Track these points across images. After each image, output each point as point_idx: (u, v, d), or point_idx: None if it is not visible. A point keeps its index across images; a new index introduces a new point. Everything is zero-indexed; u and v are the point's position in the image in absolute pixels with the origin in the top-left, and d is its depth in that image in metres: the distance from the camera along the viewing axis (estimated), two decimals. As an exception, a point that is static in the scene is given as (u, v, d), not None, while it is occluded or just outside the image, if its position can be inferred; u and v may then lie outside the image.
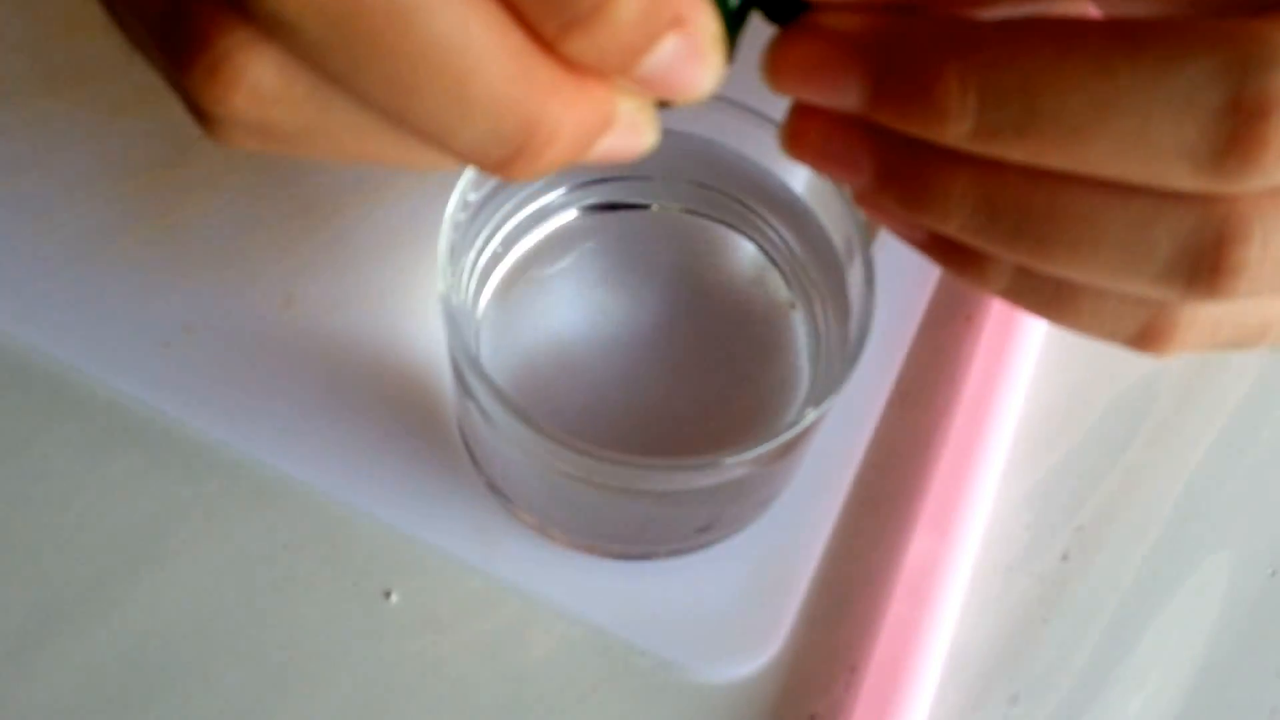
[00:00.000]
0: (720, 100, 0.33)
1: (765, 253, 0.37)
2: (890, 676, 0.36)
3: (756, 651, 0.37)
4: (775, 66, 0.24)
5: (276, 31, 0.20)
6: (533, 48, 0.21)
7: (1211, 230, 0.22)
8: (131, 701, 0.35)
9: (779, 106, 0.26)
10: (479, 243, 0.35)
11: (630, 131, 0.23)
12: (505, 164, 0.22)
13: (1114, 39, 0.21)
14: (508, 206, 0.36)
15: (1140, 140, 0.21)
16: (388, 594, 0.37)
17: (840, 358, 0.33)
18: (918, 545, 0.38)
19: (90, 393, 0.38)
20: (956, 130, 0.22)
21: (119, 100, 0.41)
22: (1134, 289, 0.23)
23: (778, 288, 0.37)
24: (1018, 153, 0.22)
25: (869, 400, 0.39)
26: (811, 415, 0.30)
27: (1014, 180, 0.22)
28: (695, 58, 0.22)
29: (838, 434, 0.38)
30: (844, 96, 0.23)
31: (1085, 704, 0.37)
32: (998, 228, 0.23)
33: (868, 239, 0.32)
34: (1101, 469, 0.40)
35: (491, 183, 0.34)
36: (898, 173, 0.23)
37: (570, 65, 0.21)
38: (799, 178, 0.35)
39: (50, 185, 0.40)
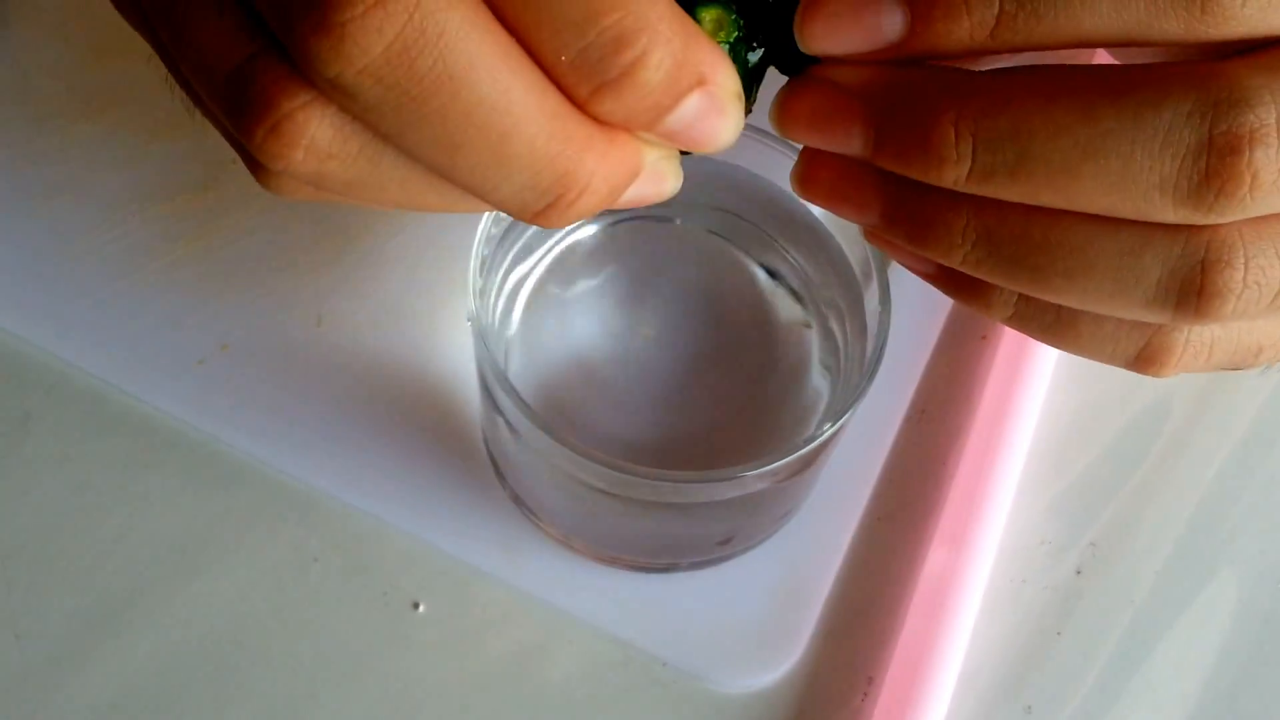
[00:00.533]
0: (746, 129, 0.34)
1: (784, 273, 0.38)
2: (906, 687, 0.37)
3: (776, 662, 0.37)
4: (784, 116, 0.25)
5: (335, 94, 0.22)
6: (567, 108, 0.22)
7: (1196, 257, 0.23)
8: (168, 704, 0.36)
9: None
10: (506, 263, 0.36)
11: (655, 179, 0.25)
12: (541, 214, 0.23)
13: (1097, 85, 0.22)
14: (534, 230, 0.37)
15: (1124, 178, 0.22)
16: (416, 605, 0.38)
17: (858, 375, 0.34)
18: (934, 559, 0.39)
19: (128, 409, 0.39)
20: (955, 174, 0.23)
21: (154, 125, 0.43)
22: (1128, 313, 0.24)
23: (796, 307, 0.38)
24: (1013, 193, 0.23)
25: (886, 417, 0.40)
26: (828, 430, 0.31)
27: (1011, 216, 0.24)
28: (717, 113, 0.24)
29: (856, 450, 0.39)
30: (849, 143, 0.24)
31: (1098, 715, 0.38)
32: (998, 260, 0.24)
33: (884, 261, 0.33)
34: (1115, 486, 0.41)
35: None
36: (903, 212, 0.25)
37: (601, 122, 0.23)
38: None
39: (88, 208, 0.42)
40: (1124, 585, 0.39)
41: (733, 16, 0.25)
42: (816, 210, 0.37)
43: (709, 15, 0.25)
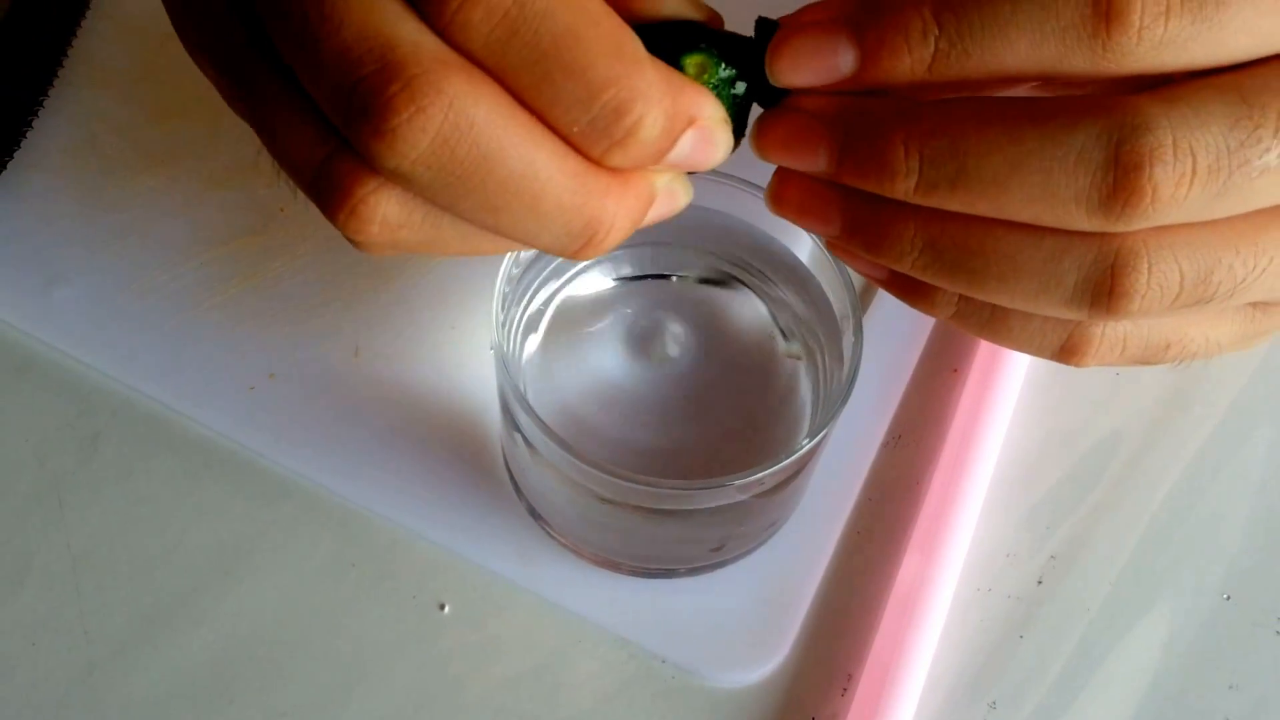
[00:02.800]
0: (733, 180, 0.38)
1: (772, 312, 0.41)
2: (882, 683, 0.40)
3: (763, 660, 0.40)
4: (761, 140, 0.29)
5: (396, 180, 0.26)
6: (585, 164, 0.26)
7: (1106, 262, 0.27)
8: (220, 694, 0.39)
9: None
10: (524, 301, 0.40)
11: (669, 198, 0.30)
12: (579, 252, 0.28)
13: (1024, 111, 0.26)
14: (548, 271, 0.40)
15: (1045, 190, 0.26)
16: (442, 606, 0.41)
17: (837, 399, 0.37)
18: (907, 568, 0.42)
19: (184, 429, 0.43)
20: (905, 186, 0.27)
21: (209, 177, 0.46)
22: (1051, 311, 0.28)
23: (783, 343, 0.41)
24: (954, 202, 0.27)
25: (866, 442, 0.43)
26: (807, 445, 0.35)
27: (952, 227, 0.27)
28: (708, 141, 0.28)
29: (838, 470, 0.43)
30: (815, 161, 0.28)
31: (1058, 709, 0.40)
32: (941, 265, 0.28)
33: (859, 306, 0.37)
34: (1073, 505, 0.43)
35: (533, 253, 0.39)
36: (861, 223, 0.29)
37: (613, 170, 0.27)
38: (804, 248, 0.40)
39: (150, 250, 0.45)
40: (1081, 594, 0.42)
41: (715, 60, 0.29)
42: (803, 256, 0.40)
43: (693, 61, 0.29)
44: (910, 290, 0.30)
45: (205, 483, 0.42)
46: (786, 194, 0.30)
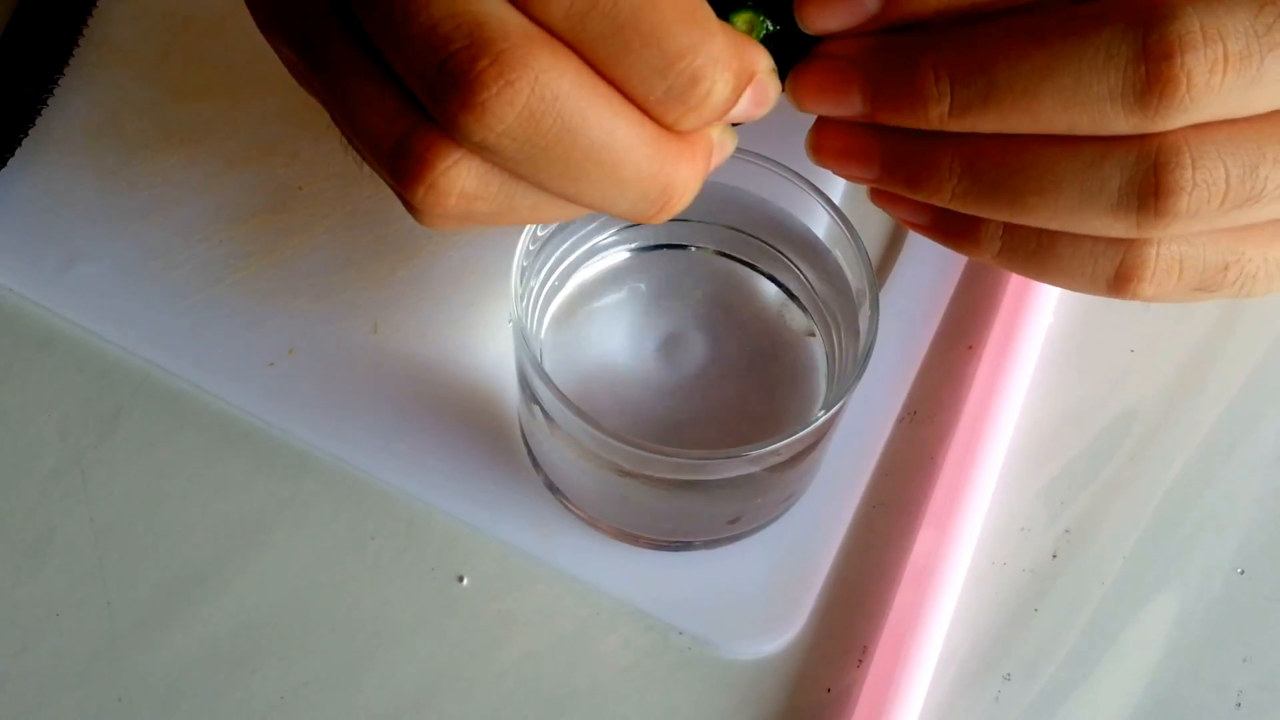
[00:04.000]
0: (751, 155, 0.38)
1: (789, 288, 0.42)
2: (897, 656, 0.40)
3: (780, 632, 0.41)
4: (797, 89, 0.30)
5: (481, 152, 0.27)
6: (660, 131, 0.27)
7: (1148, 162, 0.26)
8: (242, 664, 0.40)
9: (803, 161, 0.32)
10: (542, 275, 0.40)
11: (720, 151, 0.30)
12: (653, 216, 0.29)
13: (1047, 19, 0.26)
14: (565, 246, 0.41)
15: (1077, 92, 0.26)
16: (460, 578, 0.41)
17: (852, 373, 0.38)
18: (922, 542, 0.42)
19: (207, 405, 0.43)
20: (938, 111, 0.27)
21: (229, 156, 0.46)
22: (1098, 224, 0.27)
23: (799, 318, 0.42)
24: (988, 121, 0.27)
25: (881, 416, 0.44)
26: (822, 416, 0.35)
27: (988, 148, 0.27)
28: (763, 93, 0.29)
29: (854, 445, 0.43)
30: (850, 104, 0.29)
31: (1071, 682, 0.41)
32: (981, 190, 0.28)
33: (875, 281, 0.37)
34: (1088, 479, 0.44)
35: (552, 227, 0.39)
36: (900, 161, 0.29)
37: (683, 133, 0.28)
38: (820, 223, 0.40)
39: (172, 228, 0.45)
40: (1095, 568, 0.42)
41: (762, 18, 0.29)
42: (819, 231, 0.41)
43: (742, 18, 0.29)
44: (954, 232, 0.30)
45: (226, 457, 0.43)
46: (825, 142, 0.30)
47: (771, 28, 0.29)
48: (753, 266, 0.42)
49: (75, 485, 0.42)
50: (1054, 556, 0.43)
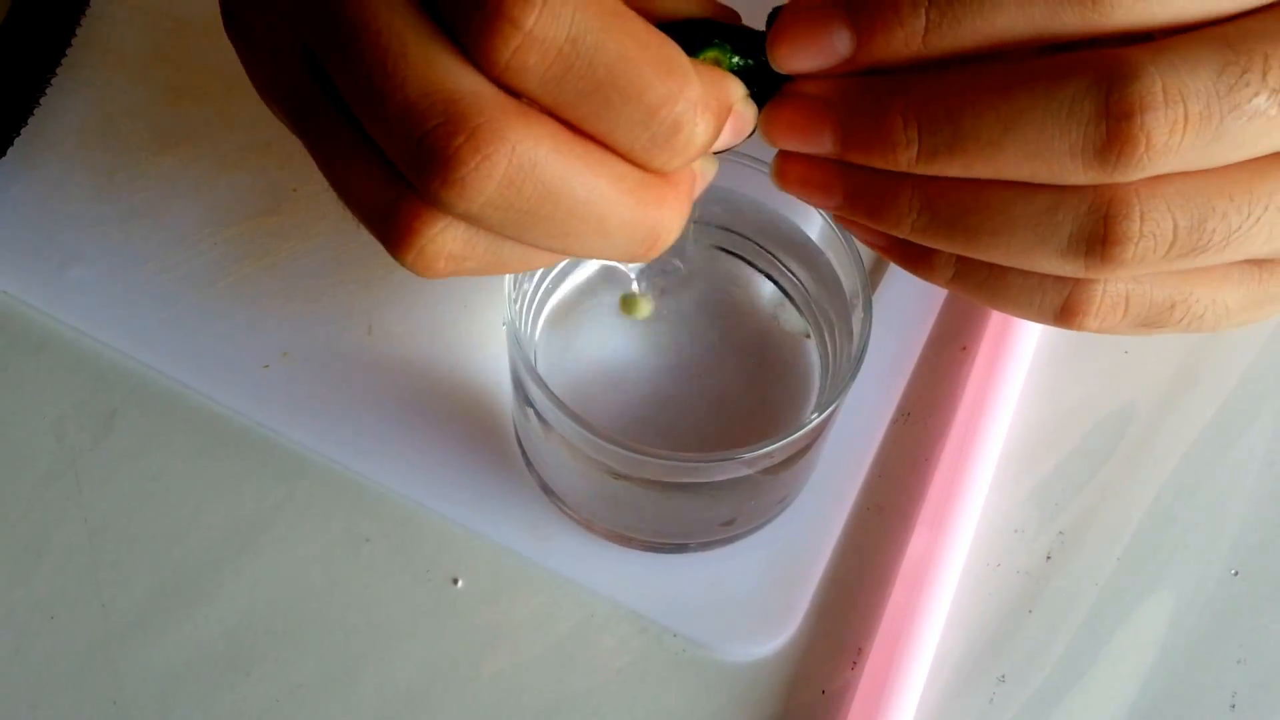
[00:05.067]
0: (744, 158, 0.38)
1: (783, 289, 0.42)
2: (891, 658, 0.40)
3: (774, 634, 0.41)
4: (768, 126, 0.30)
5: (466, 219, 0.27)
6: (641, 177, 0.27)
7: (1100, 212, 0.27)
8: (233, 668, 0.40)
9: None
10: (536, 278, 0.40)
11: (704, 179, 0.31)
12: (642, 256, 0.29)
13: (1014, 71, 0.27)
14: None
15: (1040, 146, 0.26)
16: (454, 580, 0.42)
17: (846, 375, 0.38)
18: (916, 544, 0.42)
19: (201, 407, 0.43)
20: (906, 156, 0.28)
21: (223, 158, 0.47)
22: (1047, 264, 0.28)
23: (794, 319, 0.42)
24: (953, 168, 0.27)
25: (876, 417, 0.44)
26: (815, 419, 0.35)
27: (947, 188, 0.28)
28: (740, 124, 0.30)
29: (848, 446, 0.43)
30: (821, 143, 0.29)
31: (1066, 683, 0.41)
32: (939, 226, 0.28)
33: (868, 283, 0.37)
34: (1082, 481, 0.44)
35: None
36: (861, 192, 0.29)
37: (666, 175, 0.28)
38: (813, 225, 0.40)
39: (166, 231, 0.45)
40: (1089, 569, 0.42)
41: (727, 53, 0.29)
42: (813, 234, 0.41)
43: (709, 56, 0.29)
44: (909, 256, 0.31)
45: (220, 459, 0.43)
46: (790, 169, 0.30)
47: (740, 62, 0.30)
48: (748, 266, 0.42)
49: (70, 487, 0.42)
50: (1048, 558, 0.43)
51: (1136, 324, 0.30)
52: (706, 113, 0.27)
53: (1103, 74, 0.26)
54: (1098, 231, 0.27)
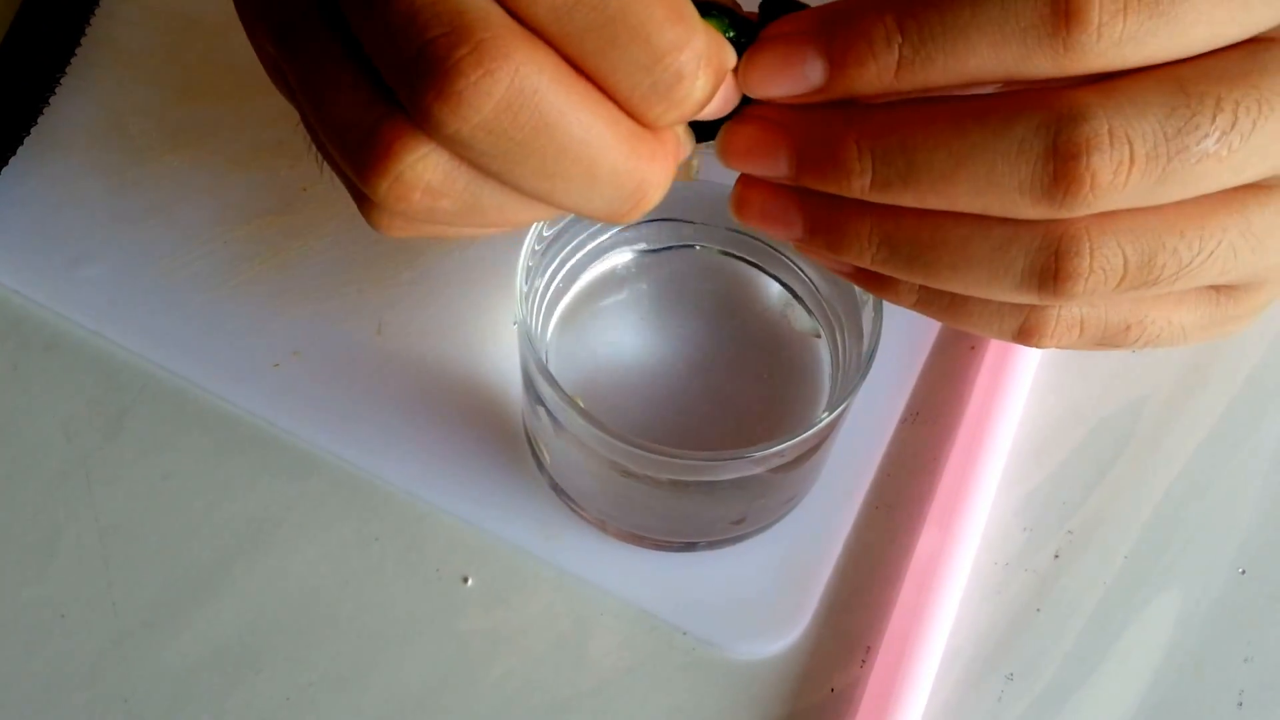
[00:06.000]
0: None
1: (793, 289, 0.42)
2: (900, 656, 0.40)
3: (784, 632, 0.41)
4: (725, 147, 0.30)
5: (453, 146, 0.26)
6: (635, 128, 0.27)
7: (1051, 248, 0.27)
8: (244, 666, 0.40)
9: None
10: (546, 277, 0.40)
11: (681, 151, 0.30)
12: (625, 215, 0.28)
13: (967, 108, 0.27)
14: (570, 247, 0.41)
15: (989, 182, 0.27)
16: (465, 579, 0.42)
17: (855, 375, 0.38)
18: (925, 543, 0.42)
19: (211, 406, 0.43)
20: (860, 184, 0.28)
21: (234, 157, 0.47)
22: (1004, 296, 0.29)
23: (804, 319, 0.42)
24: (906, 198, 0.28)
25: (885, 416, 0.44)
26: (826, 418, 0.36)
27: (906, 222, 0.28)
28: (729, 94, 0.29)
29: (857, 445, 0.43)
30: (776, 166, 0.29)
31: (1074, 682, 0.41)
32: (898, 259, 0.29)
33: None
34: (1090, 480, 0.44)
35: (557, 228, 0.40)
36: (821, 224, 0.29)
37: (656, 130, 0.27)
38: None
39: (176, 230, 0.45)
40: (1097, 568, 0.43)
41: (725, 26, 0.29)
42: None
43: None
44: (873, 281, 0.31)
45: (231, 459, 0.43)
46: (749, 200, 0.30)
47: (734, 39, 0.29)
48: (757, 267, 0.42)
49: (80, 486, 0.42)
50: (1056, 556, 0.43)
51: (1093, 343, 0.30)
52: (709, 68, 0.26)
53: (1052, 115, 0.26)
54: (1049, 266, 0.27)
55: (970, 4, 0.26)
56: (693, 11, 0.27)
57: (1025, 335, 0.30)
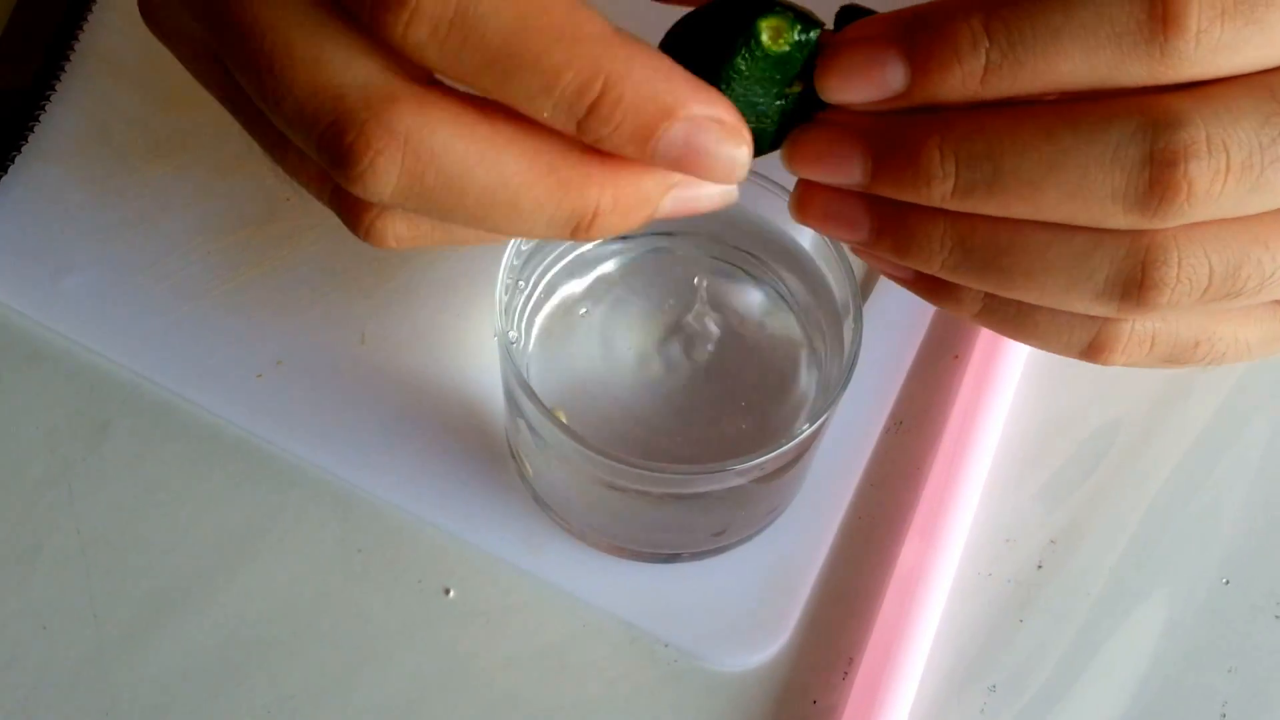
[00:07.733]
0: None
1: (773, 299, 0.42)
2: (883, 667, 0.40)
3: (766, 644, 0.41)
4: (793, 154, 0.29)
5: (392, 206, 0.27)
6: (560, 158, 0.27)
7: (1138, 257, 0.27)
8: (226, 678, 0.40)
9: (786, 173, 0.30)
10: (527, 288, 0.40)
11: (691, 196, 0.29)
12: (571, 235, 0.28)
13: (1057, 112, 0.26)
14: (550, 258, 0.41)
15: (1081, 188, 0.26)
16: (447, 591, 0.42)
17: (836, 386, 0.38)
18: (908, 553, 0.42)
19: (194, 416, 0.43)
20: (941, 190, 0.27)
21: (217, 166, 0.47)
22: (1080, 306, 0.28)
23: (788, 329, 0.42)
24: (990, 206, 0.27)
25: (867, 426, 0.44)
26: (806, 430, 0.35)
27: (982, 226, 0.27)
28: (708, 141, 0.27)
29: (839, 456, 0.43)
30: (850, 174, 0.28)
31: (1057, 694, 0.41)
32: (971, 265, 0.28)
33: (859, 293, 0.37)
34: (1073, 490, 0.44)
35: (536, 241, 0.39)
36: (889, 228, 0.29)
37: (604, 157, 0.27)
38: (805, 234, 0.40)
39: (160, 239, 0.45)
40: (1081, 578, 0.42)
41: (790, 21, 0.27)
42: (805, 244, 0.41)
43: (768, 24, 0.27)
44: (935, 290, 0.30)
45: (213, 469, 0.43)
46: (812, 202, 0.29)
47: (804, 37, 0.28)
48: (739, 278, 0.42)
49: (63, 497, 0.42)
50: (1039, 567, 0.43)
51: (1160, 360, 0.29)
52: (625, 83, 0.25)
53: (1148, 120, 0.26)
54: (1135, 275, 0.27)
55: (1062, 7, 0.25)
56: (598, 27, 0.26)
57: (1095, 351, 0.29)
